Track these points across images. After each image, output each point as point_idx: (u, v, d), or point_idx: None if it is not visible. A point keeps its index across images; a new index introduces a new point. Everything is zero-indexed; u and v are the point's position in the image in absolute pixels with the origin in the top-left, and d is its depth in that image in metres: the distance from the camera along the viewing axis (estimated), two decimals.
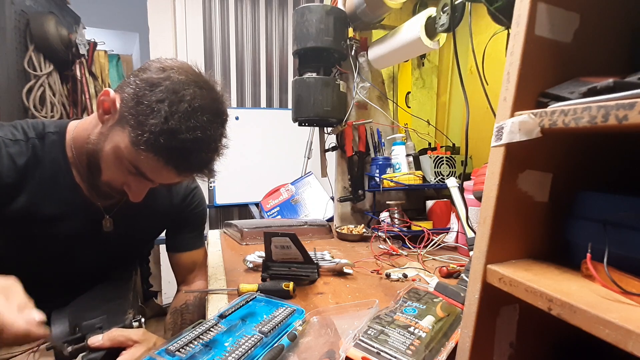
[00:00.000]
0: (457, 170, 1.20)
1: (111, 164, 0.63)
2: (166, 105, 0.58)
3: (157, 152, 0.59)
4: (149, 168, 0.62)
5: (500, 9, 0.75)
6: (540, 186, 0.40)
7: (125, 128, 0.60)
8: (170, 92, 0.59)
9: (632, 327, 0.25)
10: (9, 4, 1.44)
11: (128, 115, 0.60)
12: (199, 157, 0.63)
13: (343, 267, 0.85)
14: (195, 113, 0.60)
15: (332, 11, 1.18)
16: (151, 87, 0.59)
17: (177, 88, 0.59)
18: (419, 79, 1.48)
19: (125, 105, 0.61)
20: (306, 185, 1.97)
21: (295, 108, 1.25)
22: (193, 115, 0.59)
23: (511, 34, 0.37)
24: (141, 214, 0.81)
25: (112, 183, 0.66)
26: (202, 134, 0.60)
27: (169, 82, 0.60)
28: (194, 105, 0.60)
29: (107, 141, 0.63)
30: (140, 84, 0.60)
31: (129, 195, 0.67)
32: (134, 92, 0.60)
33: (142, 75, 0.61)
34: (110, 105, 0.63)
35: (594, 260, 0.33)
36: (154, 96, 0.58)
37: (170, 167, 0.62)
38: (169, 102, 0.58)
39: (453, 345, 0.48)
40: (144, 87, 0.60)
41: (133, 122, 0.59)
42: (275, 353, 0.49)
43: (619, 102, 0.27)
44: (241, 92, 2.56)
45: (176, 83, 0.60)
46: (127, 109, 0.60)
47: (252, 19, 2.52)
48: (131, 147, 0.60)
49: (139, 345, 0.57)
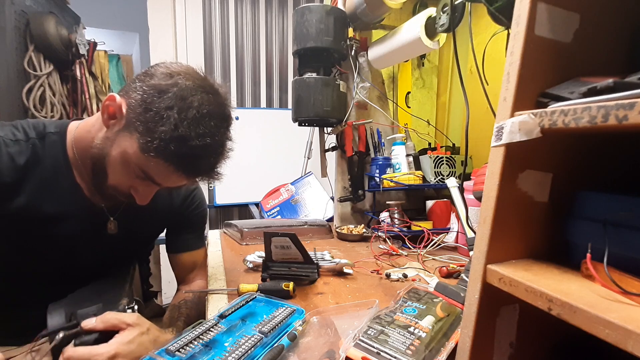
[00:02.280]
0: (457, 170, 1.20)
1: (118, 168, 0.64)
2: (175, 112, 0.58)
3: (167, 158, 0.60)
4: (158, 173, 0.63)
5: (500, 9, 0.75)
6: (540, 186, 0.40)
7: (133, 134, 0.61)
8: (179, 98, 0.60)
9: (632, 327, 0.25)
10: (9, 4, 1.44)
11: (136, 122, 0.60)
12: (207, 162, 0.65)
13: (343, 267, 0.85)
14: (204, 119, 0.61)
15: (332, 11, 1.18)
16: (159, 94, 0.60)
17: (185, 94, 0.60)
18: (419, 79, 1.48)
19: (133, 111, 0.61)
20: (306, 185, 1.97)
21: (295, 108, 1.25)
22: (201, 121, 0.60)
23: (511, 34, 0.37)
24: (143, 215, 0.81)
25: (119, 187, 0.67)
26: (210, 140, 0.62)
27: (176, 88, 0.60)
28: (202, 112, 0.60)
29: (113, 146, 0.63)
30: (148, 90, 0.61)
31: (135, 199, 0.68)
32: (141, 99, 0.60)
33: (149, 81, 0.62)
34: (115, 110, 0.63)
35: (594, 260, 0.33)
36: (163, 103, 0.59)
37: (179, 173, 0.63)
38: (178, 109, 0.59)
39: (453, 345, 0.48)
40: (152, 93, 0.60)
41: (142, 128, 0.60)
42: (275, 353, 0.49)
43: (619, 102, 0.27)
44: (241, 92, 2.55)
45: (184, 89, 0.60)
46: (134, 115, 0.61)
47: (252, 19, 2.52)
48: (140, 153, 0.60)
49: (132, 328, 0.57)
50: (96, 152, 0.65)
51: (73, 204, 0.71)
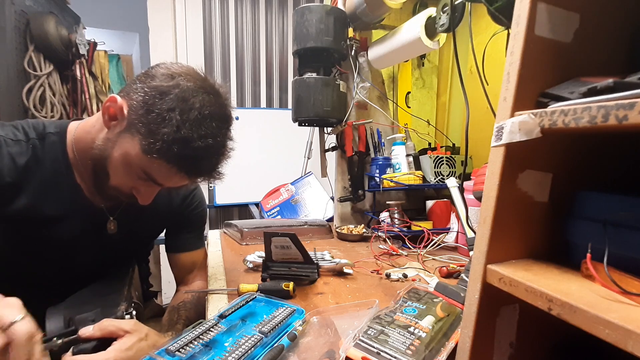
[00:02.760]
0: (457, 170, 1.20)
1: (120, 169, 0.64)
2: (177, 114, 0.59)
3: (169, 159, 0.60)
4: (160, 174, 0.64)
5: (500, 9, 0.75)
6: (540, 186, 0.40)
7: (135, 136, 0.61)
8: (180, 100, 0.60)
9: (632, 327, 0.25)
10: (9, 4, 1.44)
11: (138, 123, 0.61)
12: (209, 163, 0.65)
13: (343, 267, 0.85)
14: (205, 120, 0.61)
15: (332, 11, 1.18)
16: (161, 95, 0.60)
17: (186, 96, 0.60)
18: (419, 79, 1.48)
19: (134, 112, 0.61)
20: (306, 185, 1.97)
21: (295, 108, 1.25)
22: (203, 122, 0.61)
23: (511, 34, 0.37)
24: (143, 215, 0.81)
25: (121, 187, 0.67)
26: (212, 141, 0.62)
27: (178, 90, 0.60)
28: (203, 113, 0.61)
29: (115, 147, 0.64)
30: (149, 91, 0.61)
31: (138, 199, 0.68)
32: (142, 100, 0.61)
33: (150, 82, 0.62)
34: (116, 112, 0.63)
35: (594, 260, 0.33)
36: (165, 105, 0.59)
37: (182, 174, 0.64)
38: (180, 111, 0.59)
39: (453, 345, 0.48)
40: (154, 95, 0.60)
41: (144, 130, 0.60)
42: (275, 353, 0.49)
43: (619, 102, 0.27)
44: (241, 92, 2.55)
45: (185, 91, 0.61)
46: (136, 116, 0.61)
47: (252, 19, 2.52)
48: (142, 154, 0.61)
49: (130, 335, 0.57)
50: (97, 153, 0.65)
51: (73, 205, 0.71)
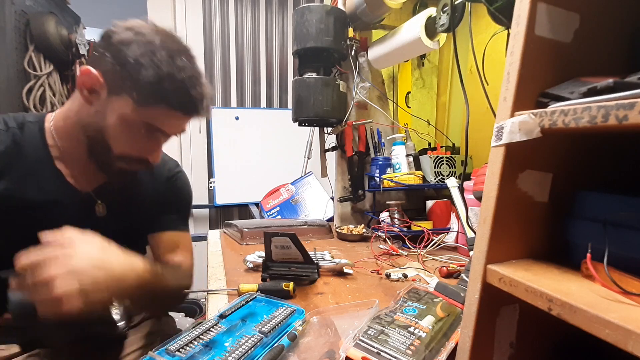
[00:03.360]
0: (457, 170, 1.20)
1: (121, 134, 0.66)
2: (149, 56, 0.61)
3: (162, 100, 0.63)
4: (159, 120, 0.66)
5: (500, 9, 0.75)
6: (540, 186, 0.40)
7: (121, 95, 0.63)
8: (146, 44, 0.62)
9: (632, 327, 0.25)
10: (9, 4, 1.44)
11: (119, 81, 0.62)
12: (197, 92, 0.67)
13: (343, 267, 0.85)
14: (175, 55, 0.63)
15: (332, 11, 1.18)
16: (126, 46, 0.61)
17: (148, 39, 0.62)
18: (419, 79, 1.48)
19: (111, 74, 0.63)
20: (306, 185, 1.97)
21: (295, 108, 1.25)
22: (175, 57, 0.63)
23: (511, 34, 0.37)
24: (129, 197, 0.81)
25: (127, 153, 0.68)
26: (190, 71, 0.65)
27: (138, 36, 0.62)
28: (171, 49, 0.63)
29: (107, 116, 0.65)
30: (115, 48, 0.62)
31: (149, 159, 0.70)
32: (112, 58, 0.62)
33: (109, 41, 0.63)
34: (94, 82, 0.64)
35: (594, 260, 0.33)
36: (133, 52, 0.61)
37: (177, 111, 0.66)
38: (150, 52, 0.61)
39: (453, 345, 0.48)
40: (119, 49, 0.62)
41: (128, 84, 0.62)
42: (275, 353, 0.49)
43: (619, 102, 0.27)
44: (241, 92, 2.55)
45: (145, 35, 0.63)
46: (114, 76, 0.62)
47: (252, 19, 2.52)
48: (137, 107, 0.63)
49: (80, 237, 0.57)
50: (91, 131, 0.66)
51: (58, 190, 0.72)
